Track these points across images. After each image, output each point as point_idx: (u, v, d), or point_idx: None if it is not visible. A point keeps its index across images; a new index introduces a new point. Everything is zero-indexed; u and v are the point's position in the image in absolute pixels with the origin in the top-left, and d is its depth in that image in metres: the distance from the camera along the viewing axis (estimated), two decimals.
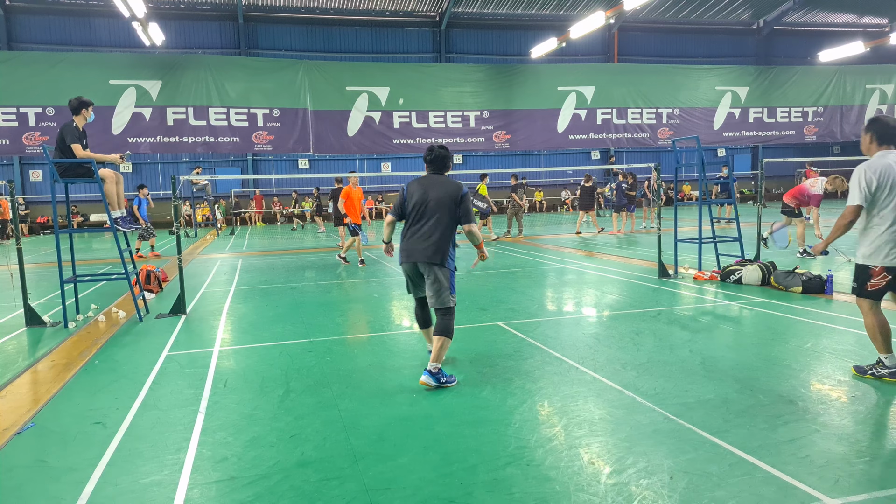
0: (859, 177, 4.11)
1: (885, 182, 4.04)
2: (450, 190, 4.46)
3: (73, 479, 3.16)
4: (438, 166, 4.60)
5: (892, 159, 4.10)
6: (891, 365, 4.22)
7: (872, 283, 4.21)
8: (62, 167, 6.72)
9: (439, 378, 4.34)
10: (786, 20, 32.93)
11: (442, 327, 4.42)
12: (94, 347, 5.92)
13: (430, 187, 4.49)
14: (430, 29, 30.63)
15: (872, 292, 4.24)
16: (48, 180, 26.70)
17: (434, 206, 4.42)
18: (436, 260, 4.39)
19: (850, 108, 25.60)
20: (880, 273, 4.16)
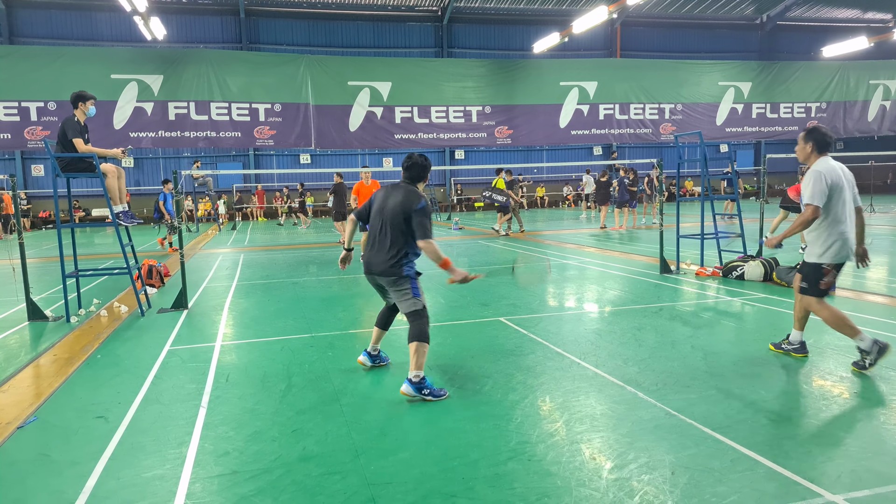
0: (815, 179, 4.30)
1: (837, 184, 4.29)
2: (407, 201, 4.15)
3: (76, 473, 3.17)
4: (412, 175, 4.34)
5: (835, 166, 4.37)
6: (868, 346, 4.32)
7: (825, 282, 4.40)
8: (64, 162, 6.72)
9: (421, 388, 4.03)
10: (789, 15, 32.79)
11: (414, 332, 4.14)
12: (96, 342, 5.93)
13: (392, 196, 4.25)
14: (432, 23, 30.54)
15: (824, 290, 4.43)
16: (50, 175, 26.67)
17: (390, 217, 4.19)
18: (392, 273, 4.20)
19: (854, 103, 25.48)
20: (830, 271, 4.37)
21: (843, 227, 4.32)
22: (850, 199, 4.40)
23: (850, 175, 4.47)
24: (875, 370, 4.38)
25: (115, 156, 7.05)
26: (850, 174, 4.47)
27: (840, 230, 4.32)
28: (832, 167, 4.36)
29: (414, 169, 4.34)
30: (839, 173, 4.35)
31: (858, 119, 25.51)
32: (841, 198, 4.31)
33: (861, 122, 25.54)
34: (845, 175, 4.40)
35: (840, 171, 4.39)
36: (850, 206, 4.39)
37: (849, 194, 4.38)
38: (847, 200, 4.36)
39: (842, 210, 4.33)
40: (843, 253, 4.33)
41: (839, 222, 4.31)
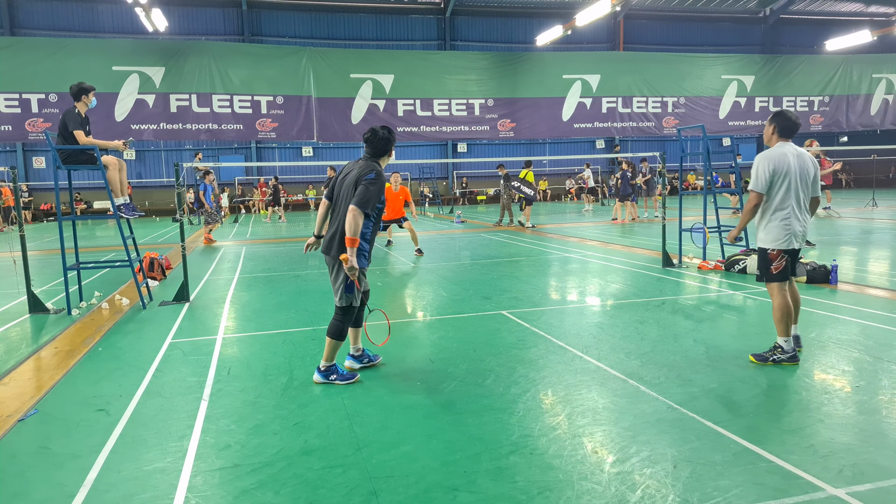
0: (758, 165, 4.38)
1: (780, 170, 4.32)
2: (360, 173, 4.03)
3: (77, 466, 3.17)
4: (375, 149, 4.19)
5: (789, 150, 4.38)
6: (788, 349, 4.44)
7: (775, 266, 4.42)
8: (65, 154, 6.70)
9: (329, 374, 4.22)
10: (792, 9, 32.60)
11: (330, 327, 4.18)
12: (97, 335, 5.93)
13: (351, 171, 4.15)
14: (435, 16, 30.41)
15: (777, 275, 4.44)
16: (51, 167, 26.67)
17: (343, 192, 4.08)
18: (332, 252, 4.08)
19: (857, 97, 25.36)
20: (778, 256, 4.39)
21: (787, 213, 4.35)
22: (799, 187, 4.35)
23: (810, 166, 4.41)
24: (878, 364, 4.37)
25: (117, 148, 7.03)
26: (808, 165, 4.40)
27: (783, 216, 4.35)
28: (781, 153, 4.37)
29: (375, 142, 4.18)
30: (787, 160, 4.34)
31: (861, 113, 25.39)
32: (785, 184, 4.33)
33: (864, 116, 25.41)
34: (800, 162, 4.36)
35: (791, 157, 4.35)
36: (798, 194, 4.35)
37: (796, 181, 4.34)
38: (793, 187, 4.33)
39: (785, 196, 4.34)
40: (787, 238, 4.36)
41: (782, 209, 4.36)
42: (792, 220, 4.36)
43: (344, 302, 4.13)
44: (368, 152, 4.23)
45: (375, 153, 4.21)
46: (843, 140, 32.98)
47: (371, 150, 4.21)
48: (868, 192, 22.76)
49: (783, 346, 4.45)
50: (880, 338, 5.05)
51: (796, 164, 4.35)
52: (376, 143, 4.17)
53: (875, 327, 5.39)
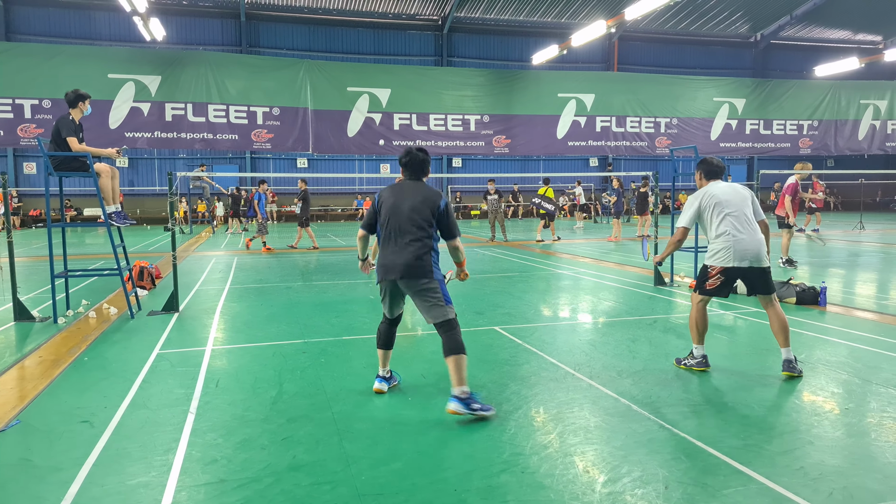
0: (688, 204, 4.92)
1: (707, 205, 4.80)
2: (428, 198, 3.99)
3: (58, 479, 3.10)
4: (415, 171, 4.11)
5: (717, 188, 4.85)
6: (697, 356, 4.87)
7: (710, 283, 4.78)
8: (57, 160, 6.66)
9: (470, 404, 3.77)
10: (783, 34, 33.18)
11: (451, 345, 3.87)
12: (83, 344, 5.85)
13: (407, 195, 4.01)
14: (433, 32, 30.68)
15: (709, 290, 4.80)
16: (42, 173, 26.49)
17: (408, 216, 3.95)
18: (421, 275, 3.93)
19: (845, 122, 25.78)
20: (716, 273, 4.74)
21: (729, 237, 4.68)
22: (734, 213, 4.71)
23: (744, 193, 4.84)
24: (867, 386, 4.38)
25: (110, 155, 7.00)
26: (741, 193, 4.83)
27: (725, 240, 4.69)
28: (705, 191, 4.87)
29: (414, 164, 4.11)
30: (714, 194, 4.80)
31: (849, 137, 25.79)
32: (717, 213, 4.75)
33: (851, 141, 25.82)
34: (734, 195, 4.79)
35: (721, 192, 4.80)
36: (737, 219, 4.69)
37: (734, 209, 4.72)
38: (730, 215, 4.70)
39: (721, 223, 4.72)
40: (728, 258, 4.67)
41: (723, 234, 4.71)
42: (734, 241, 4.66)
43: (450, 315, 3.96)
44: (410, 174, 4.14)
45: (417, 174, 4.15)
46: (831, 164, 33.43)
47: (410, 173, 4.14)
48: (855, 216, 23.01)
49: (693, 352, 4.90)
50: (868, 360, 5.08)
51: (725, 196, 4.78)
52: (414, 165, 4.12)
53: (863, 349, 5.42)
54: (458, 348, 3.85)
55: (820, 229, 18.41)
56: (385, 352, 4.37)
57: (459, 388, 3.80)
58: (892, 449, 3.37)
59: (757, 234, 4.72)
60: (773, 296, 4.76)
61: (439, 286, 3.98)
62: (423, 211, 3.96)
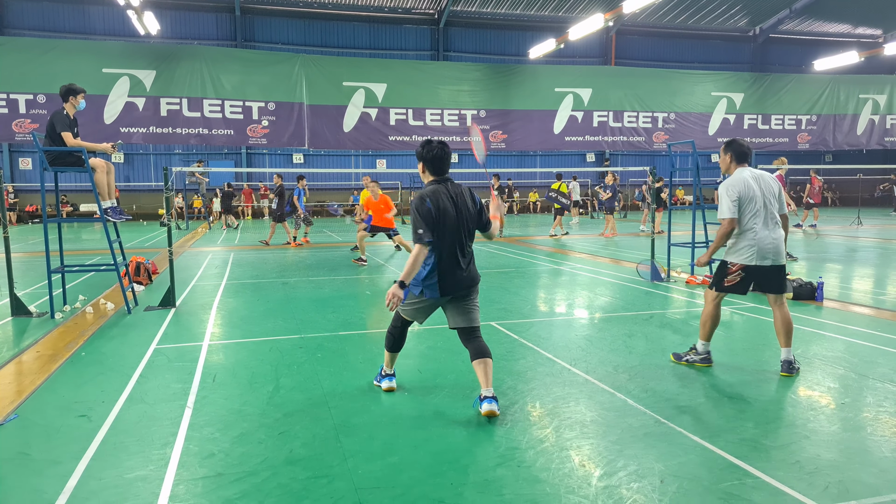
0: (727, 193, 4.59)
1: (745, 195, 4.55)
2: (474, 199, 3.89)
3: (57, 473, 3.10)
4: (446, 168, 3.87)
5: (748, 175, 4.63)
6: (702, 351, 4.80)
7: (729, 280, 4.66)
8: (52, 155, 6.63)
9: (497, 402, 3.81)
10: (782, 28, 33.12)
11: (484, 348, 3.85)
12: (80, 339, 5.84)
13: (458, 201, 3.76)
14: (429, 27, 30.57)
15: (727, 287, 4.69)
16: (38, 168, 26.35)
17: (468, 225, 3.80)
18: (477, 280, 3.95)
19: (844, 117, 25.77)
20: (737, 270, 4.61)
21: (755, 233, 4.53)
22: (763, 208, 4.55)
23: (772, 185, 4.62)
24: (863, 381, 4.40)
25: (105, 150, 6.97)
26: (769, 184, 4.61)
27: (751, 237, 4.54)
28: (742, 178, 4.60)
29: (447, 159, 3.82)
30: (750, 184, 4.57)
31: (848, 132, 25.79)
32: (750, 207, 4.54)
33: (850, 136, 25.82)
34: (762, 185, 4.59)
35: (753, 181, 4.59)
36: (763, 214, 4.55)
37: (761, 203, 4.55)
38: (758, 208, 4.54)
39: (751, 218, 4.55)
40: (751, 256, 4.54)
41: (750, 230, 4.55)
42: (758, 239, 4.53)
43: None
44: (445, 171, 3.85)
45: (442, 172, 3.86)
46: (829, 159, 33.45)
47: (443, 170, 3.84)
48: (853, 211, 23.07)
49: (697, 349, 4.82)
50: (865, 355, 5.10)
51: (757, 186, 4.58)
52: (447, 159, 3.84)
53: (860, 344, 5.44)
54: (489, 351, 3.88)
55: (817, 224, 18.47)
56: (394, 355, 4.27)
57: (491, 390, 3.77)
58: (888, 443, 3.39)
59: (779, 229, 4.60)
60: (783, 295, 4.68)
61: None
62: (476, 215, 3.86)
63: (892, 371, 4.62)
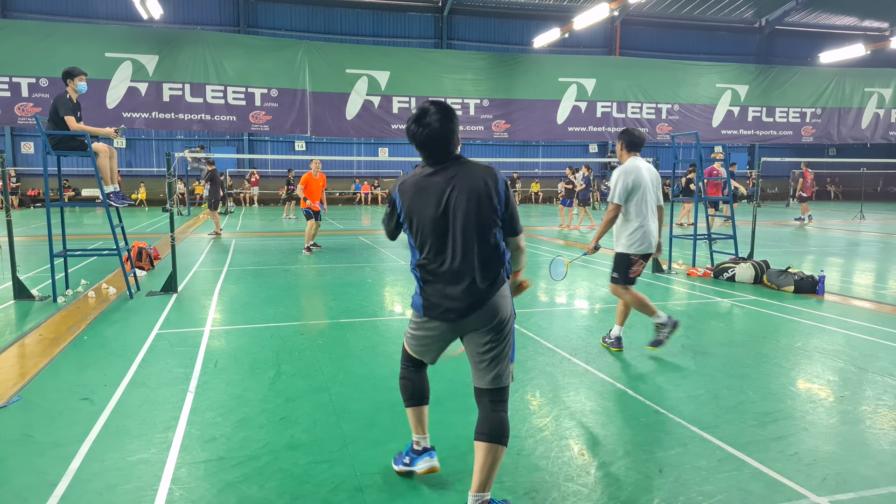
0: (618, 179, 4.74)
1: (637, 183, 4.70)
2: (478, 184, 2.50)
3: (59, 455, 3.13)
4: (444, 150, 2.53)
5: (641, 164, 4.79)
6: (664, 319, 4.82)
7: (634, 271, 4.81)
8: (55, 139, 6.62)
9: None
10: (788, 20, 32.85)
11: (499, 425, 2.52)
12: (82, 323, 5.86)
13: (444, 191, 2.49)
14: (433, 14, 30.35)
15: (633, 279, 4.84)
16: (40, 152, 26.25)
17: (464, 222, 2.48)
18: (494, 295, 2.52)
19: (848, 110, 25.62)
20: (638, 261, 4.77)
21: (644, 220, 4.72)
22: (652, 198, 4.77)
23: (656, 175, 4.85)
24: (863, 374, 4.41)
25: (108, 135, 6.96)
26: (655, 174, 4.83)
27: (640, 223, 4.72)
28: (635, 167, 4.74)
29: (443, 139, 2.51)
30: (642, 173, 4.73)
31: (852, 126, 25.65)
32: (641, 195, 4.70)
33: (855, 130, 25.67)
34: (650, 174, 4.78)
35: (644, 171, 4.75)
36: (651, 204, 4.76)
37: (651, 193, 4.75)
38: (648, 198, 4.74)
39: (643, 206, 4.72)
40: (646, 245, 4.74)
41: (640, 216, 4.72)
42: (647, 227, 4.73)
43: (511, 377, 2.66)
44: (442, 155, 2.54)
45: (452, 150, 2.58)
46: (833, 153, 33.31)
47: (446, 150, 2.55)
48: (856, 205, 23.01)
49: (662, 321, 4.84)
50: (865, 349, 5.11)
51: (648, 176, 4.76)
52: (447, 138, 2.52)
53: (860, 338, 5.45)
54: (505, 434, 2.52)
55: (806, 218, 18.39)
56: (420, 409, 2.89)
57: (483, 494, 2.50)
58: (886, 436, 3.41)
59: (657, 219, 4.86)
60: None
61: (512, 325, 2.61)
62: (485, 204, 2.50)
63: (891, 365, 4.63)
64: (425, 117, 2.51)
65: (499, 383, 2.56)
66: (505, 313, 2.56)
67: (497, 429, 2.51)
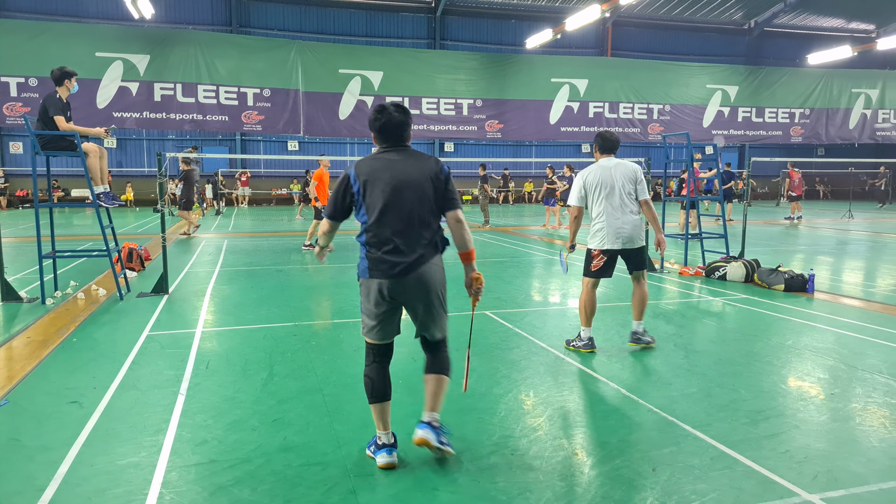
0: (576, 182, 4.98)
1: (594, 183, 4.86)
2: (426, 166, 3.04)
3: (48, 459, 3.09)
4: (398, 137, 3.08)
5: (607, 164, 4.90)
6: (584, 338, 4.96)
7: (594, 264, 4.94)
8: (44, 139, 6.56)
9: (440, 436, 3.05)
10: (776, 22, 33.10)
11: (443, 361, 3.17)
12: (72, 325, 5.81)
13: (394, 171, 3.00)
14: (426, 15, 30.34)
15: (595, 272, 4.96)
16: (29, 152, 25.99)
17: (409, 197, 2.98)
18: (429, 260, 3.02)
19: (836, 110, 25.84)
20: (598, 255, 4.91)
21: (606, 217, 4.83)
22: (617, 194, 4.82)
23: (628, 171, 4.87)
24: (852, 372, 4.45)
25: (98, 135, 6.90)
26: (625, 171, 4.86)
27: (602, 221, 4.85)
28: (595, 168, 4.93)
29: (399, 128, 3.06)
30: (601, 172, 4.87)
31: (840, 126, 25.87)
32: (600, 193, 4.84)
33: (842, 130, 25.89)
34: (614, 173, 4.85)
35: (608, 169, 4.86)
36: (618, 200, 4.81)
37: (613, 190, 4.82)
38: (614, 195, 4.82)
39: (602, 203, 4.85)
40: (608, 240, 4.84)
41: (601, 215, 4.86)
42: (608, 223, 4.83)
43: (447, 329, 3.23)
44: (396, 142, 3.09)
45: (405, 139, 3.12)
46: (821, 153, 33.56)
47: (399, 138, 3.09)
48: (844, 204, 23.19)
49: (581, 334, 4.98)
50: (854, 346, 5.15)
51: (613, 174, 4.85)
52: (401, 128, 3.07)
53: (849, 336, 5.49)
54: (448, 367, 3.20)
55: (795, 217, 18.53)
56: (383, 405, 3.11)
57: (433, 415, 3.09)
58: (876, 433, 3.43)
59: (632, 214, 4.85)
60: (643, 272, 5.04)
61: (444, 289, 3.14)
62: (425, 182, 3.00)
63: (880, 362, 4.67)
64: (385, 109, 3.08)
65: (440, 336, 3.20)
66: (439, 276, 3.09)
67: (440, 364, 3.18)
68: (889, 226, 17.56)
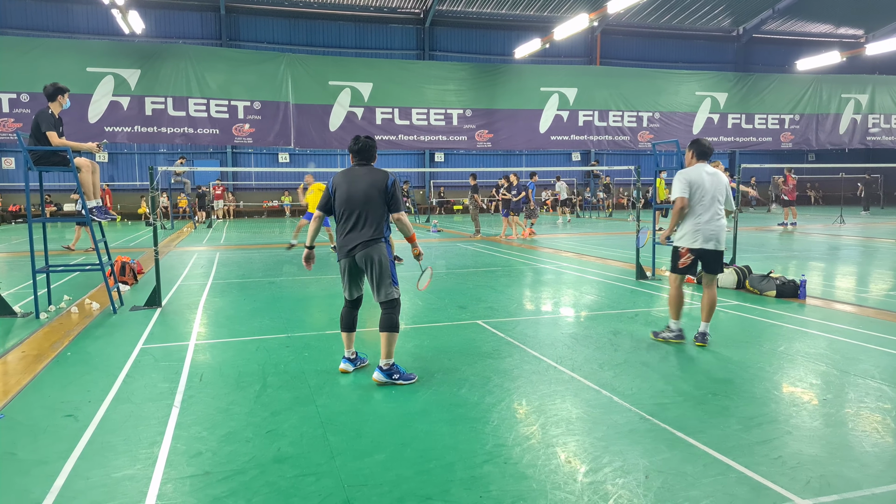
0: (681, 178, 5.32)
1: (695, 184, 5.25)
2: (378, 179, 4.39)
3: (43, 473, 3.09)
4: (365, 156, 4.54)
5: (704, 169, 5.34)
6: (675, 329, 5.44)
7: (682, 262, 5.35)
8: (36, 155, 6.57)
9: (391, 374, 4.37)
10: (765, 28, 33.48)
11: (387, 322, 4.38)
12: (66, 339, 5.79)
13: (358, 179, 4.40)
14: (414, 26, 30.54)
15: (682, 269, 5.38)
16: (21, 168, 25.96)
17: (363, 198, 4.34)
18: (375, 248, 4.33)
19: (826, 116, 26.11)
20: (686, 253, 5.31)
21: (699, 219, 5.24)
22: (711, 199, 5.23)
23: (721, 181, 5.32)
24: (845, 377, 4.49)
25: (90, 150, 6.91)
26: (720, 180, 5.31)
27: (695, 221, 5.25)
28: (695, 169, 5.33)
29: (365, 150, 4.53)
30: (701, 175, 5.28)
31: (830, 132, 26.14)
32: (698, 195, 5.23)
33: (833, 135, 26.16)
34: (714, 181, 5.28)
35: (705, 175, 5.29)
36: (709, 205, 5.23)
37: (709, 194, 5.23)
38: (706, 199, 5.23)
39: (698, 206, 5.25)
40: (696, 240, 5.24)
41: (694, 215, 5.26)
42: (703, 225, 5.22)
43: (395, 294, 4.41)
44: (361, 160, 4.53)
45: (367, 160, 4.55)
46: (812, 158, 33.88)
47: (360, 158, 4.53)
48: (835, 209, 23.40)
49: (671, 326, 5.46)
50: (847, 352, 5.19)
51: (710, 180, 5.27)
52: (364, 151, 4.53)
53: (842, 341, 5.54)
54: (393, 327, 4.38)
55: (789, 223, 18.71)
56: (348, 334, 4.68)
57: (385, 360, 4.38)
58: (869, 438, 3.46)
59: (722, 220, 5.28)
60: (716, 277, 5.46)
61: (390, 266, 4.41)
62: (375, 191, 4.35)
63: (873, 367, 4.71)
64: (360, 139, 4.58)
65: (387, 297, 4.40)
66: (383, 254, 4.36)
67: (388, 322, 4.39)
68: (880, 231, 17.73)
